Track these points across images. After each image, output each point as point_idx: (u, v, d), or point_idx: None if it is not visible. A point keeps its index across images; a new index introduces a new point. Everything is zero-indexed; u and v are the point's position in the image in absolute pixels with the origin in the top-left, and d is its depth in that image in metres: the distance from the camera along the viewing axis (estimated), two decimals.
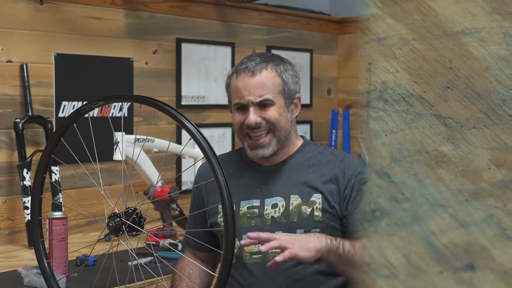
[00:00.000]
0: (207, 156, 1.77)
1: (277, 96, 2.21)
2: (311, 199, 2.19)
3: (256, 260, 2.21)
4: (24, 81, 3.23)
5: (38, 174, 2.05)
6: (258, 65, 2.21)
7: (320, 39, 4.97)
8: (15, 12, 3.24)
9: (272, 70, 2.22)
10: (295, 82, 2.27)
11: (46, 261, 2.08)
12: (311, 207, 2.18)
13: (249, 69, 2.21)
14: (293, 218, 2.19)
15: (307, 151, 2.30)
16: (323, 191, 2.19)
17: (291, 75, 2.25)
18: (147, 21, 3.81)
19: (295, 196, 2.21)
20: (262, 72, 2.21)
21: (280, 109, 2.22)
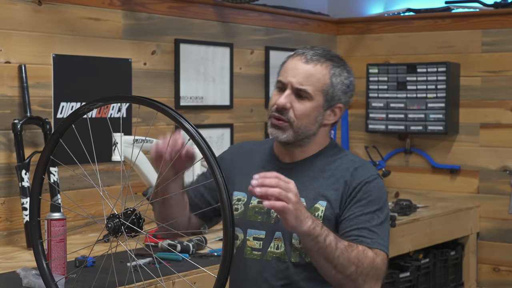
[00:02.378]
0: (206, 157, 1.77)
1: (317, 93, 2.16)
2: (314, 205, 2.16)
3: (255, 257, 2.21)
4: (23, 82, 3.23)
5: (36, 175, 2.05)
6: (316, 57, 2.18)
7: (318, 40, 4.96)
8: (14, 13, 3.23)
9: (326, 68, 2.18)
10: (343, 90, 2.20)
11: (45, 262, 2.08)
12: (313, 214, 2.12)
13: (306, 56, 2.18)
14: None
15: (328, 155, 2.24)
16: (330, 198, 2.16)
17: (341, 82, 2.20)
18: (146, 22, 3.81)
19: (301, 199, 2.13)
20: (315, 65, 2.17)
21: (313, 107, 2.17)
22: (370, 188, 2.15)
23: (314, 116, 2.18)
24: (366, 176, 2.16)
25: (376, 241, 2.09)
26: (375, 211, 2.13)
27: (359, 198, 2.13)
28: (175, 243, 2.98)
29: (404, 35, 4.92)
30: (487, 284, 4.69)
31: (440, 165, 4.79)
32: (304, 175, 2.20)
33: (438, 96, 4.64)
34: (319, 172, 2.21)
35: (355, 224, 2.11)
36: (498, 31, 4.59)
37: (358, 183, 2.15)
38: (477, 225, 4.65)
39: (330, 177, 2.19)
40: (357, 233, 2.09)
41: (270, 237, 2.19)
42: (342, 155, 2.24)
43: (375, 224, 2.11)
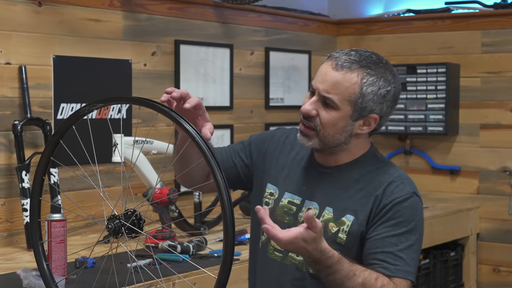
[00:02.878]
0: (206, 158, 1.77)
1: (344, 102, 2.05)
2: (341, 218, 2.08)
3: (276, 258, 2.17)
4: (23, 83, 3.23)
5: (37, 176, 2.05)
6: (348, 63, 2.05)
7: (318, 41, 4.97)
8: (14, 14, 3.24)
9: (357, 76, 2.04)
10: (376, 101, 2.06)
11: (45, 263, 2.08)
12: (338, 227, 2.08)
13: (338, 61, 2.06)
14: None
15: (364, 164, 2.14)
16: (359, 213, 2.07)
17: (375, 92, 2.05)
18: (146, 23, 3.81)
19: (329, 209, 2.10)
20: (345, 72, 2.04)
21: (339, 117, 2.06)
22: (402, 208, 2.05)
23: (340, 126, 2.08)
24: (399, 195, 2.06)
25: (401, 268, 2.01)
26: (404, 233, 2.03)
27: (388, 218, 2.04)
28: (175, 244, 2.98)
29: (404, 36, 4.92)
30: (487, 285, 4.69)
31: (440, 166, 4.79)
32: (336, 183, 2.13)
33: (438, 97, 4.64)
34: (352, 182, 2.12)
35: (380, 246, 2.03)
36: (498, 32, 4.60)
37: (389, 202, 2.06)
38: (477, 226, 4.65)
39: (362, 189, 2.10)
40: (381, 258, 2.01)
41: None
42: (380, 166, 2.14)
43: (402, 248, 2.02)
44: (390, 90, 2.09)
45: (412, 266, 2.03)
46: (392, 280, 2.00)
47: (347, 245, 2.08)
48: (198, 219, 3.57)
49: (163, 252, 2.96)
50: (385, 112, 2.11)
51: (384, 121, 2.14)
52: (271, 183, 2.25)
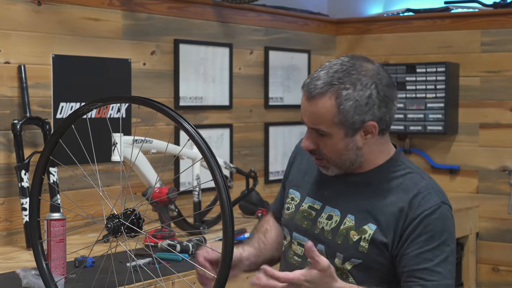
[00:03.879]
0: (206, 157, 1.77)
1: (332, 127, 1.99)
2: (363, 226, 2.02)
3: (295, 263, 2.14)
4: (22, 83, 3.23)
5: (36, 176, 2.05)
6: (317, 89, 1.97)
7: (318, 40, 4.97)
8: (13, 13, 3.23)
9: (331, 98, 1.96)
10: (362, 111, 1.97)
11: (44, 263, 2.08)
12: (360, 236, 2.01)
13: (309, 90, 1.99)
14: (338, 239, 2.05)
15: (389, 171, 2.07)
16: (381, 222, 2.00)
17: (354, 105, 1.96)
18: (145, 22, 3.81)
19: (351, 216, 2.05)
20: (318, 100, 1.97)
21: (336, 141, 2.00)
22: (431, 221, 1.99)
23: (342, 147, 2.02)
24: (427, 207, 2.00)
25: (438, 284, 1.96)
26: (438, 246, 1.98)
27: (419, 233, 1.98)
28: (175, 243, 2.98)
29: (403, 35, 4.92)
30: (486, 284, 4.69)
31: (439, 165, 4.79)
32: (358, 191, 2.07)
33: (437, 96, 4.64)
34: (375, 190, 2.05)
35: (415, 264, 1.97)
36: (498, 31, 4.60)
37: (418, 215, 1.98)
38: (476, 225, 4.65)
39: (385, 198, 2.03)
40: (418, 275, 1.96)
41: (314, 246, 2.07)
42: (405, 173, 2.06)
43: (438, 262, 1.97)
44: (372, 94, 1.99)
45: (449, 279, 1.99)
46: None
47: (369, 254, 2.02)
48: (197, 218, 3.57)
49: (163, 251, 2.96)
50: (380, 114, 2.01)
51: (387, 120, 2.04)
52: (293, 189, 2.22)
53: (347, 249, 2.03)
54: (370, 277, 2.03)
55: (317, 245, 2.06)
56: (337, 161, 2.04)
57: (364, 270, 2.03)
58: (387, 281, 2.05)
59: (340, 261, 2.04)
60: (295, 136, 4.72)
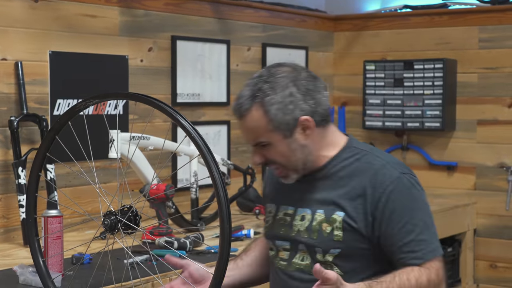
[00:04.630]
0: (203, 154, 1.77)
1: (270, 135, 2.07)
2: (332, 216, 2.09)
3: (282, 267, 2.21)
4: (19, 79, 3.22)
5: (33, 172, 2.05)
6: (244, 107, 2.07)
7: (315, 37, 4.96)
8: (10, 10, 3.23)
9: (257, 110, 2.06)
10: (289, 111, 2.05)
11: (41, 260, 2.08)
12: (331, 226, 2.09)
13: (237, 111, 2.10)
14: (313, 235, 2.12)
15: (344, 158, 2.14)
16: (348, 208, 2.07)
17: (280, 108, 2.05)
18: (142, 18, 3.80)
19: (320, 211, 2.12)
20: (247, 116, 2.07)
21: (280, 146, 2.08)
22: (397, 194, 2.05)
23: (286, 149, 2.10)
24: (388, 183, 2.06)
25: (427, 251, 2.03)
26: (413, 215, 2.04)
27: (391, 210, 2.04)
28: (172, 240, 2.97)
29: (401, 32, 4.92)
30: (484, 280, 4.69)
31: (437, 162, 4.79)
32: (321, 186, 2.15)
33: (435, 93, 4.64)
34: (336, 180, 2.13)
35: (399, 239, 2.03)
36: (495, 27, 4.59)
37: (382, 194, 2.05)
38: (474, 222, 4.65)
39: (346, 184, 2.10)
40: (406, 250, 2.02)
41: (295, 248, 2.17)
42: (360, 156, 2.13)
43: (419, 230, 2.03)
44: (292, 91, 2.07)
45: (435, 242, 2.06)
46: (423, 266, 2.02)
47: (346, 242, 2.08)
48: (195, 215, 3.56)
49: (160, 248, 2.96)
50: (309, 108, 2.08)
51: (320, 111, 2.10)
52: (269, 203, 2.30)
53: (324, 241, 2.10)
54: (356, 265, 2.09)
55: (298, 245, 2.15)
56: (289, 165, 2.12)
57: (347, 259, 2.09)
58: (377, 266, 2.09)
59: (321, 255, 2.11)
60: None
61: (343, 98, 5.12)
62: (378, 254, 2.09)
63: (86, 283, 2.40)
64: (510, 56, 4.56)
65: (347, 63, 5.09)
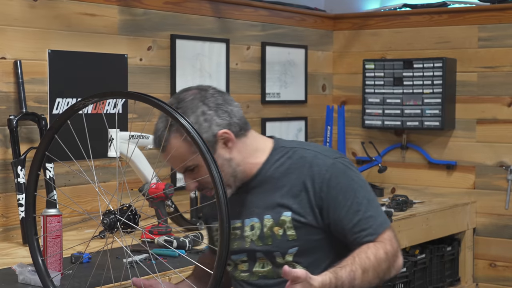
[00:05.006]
0: (202, 153, 1.77)
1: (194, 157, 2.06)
2: (281, 218, 2.12)
3: (244, 278, 2.21)
4: (18, 78, 3.22)
5: (32, 171, 2.04)
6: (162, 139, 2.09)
7: (315, 35, 4.96)
8: (9, 8, 3.22)
9: (176, 138, 2.08)
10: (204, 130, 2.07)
11: (40, 259, 2.07)
12: (283, 228, 2.12)
13: (158, 144, 2.11)
14: (268, 241, 2.14)
15: (275, 160, 2.17)
16: (293, 206, 2.11)
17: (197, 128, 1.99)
18: (142, 17, 3.80)
19: (267, 216, 2.14)
20: (168, 147, 2.09)
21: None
22: (334, 180, 2.09)
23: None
24: (323, 171, 2.10)
25: (376, 225, 2.07)
26: (355, 195, 2.09)
27: (334, 196, 2.09)
28: (171, 239, 2.97)
29: (400, 31, 4.92)
30: (483, 279, 4.69)
31: (436, 161, 4.79)
32: (261, 191, 2.16)
33: (434, 92, 4.63)
34: (273, 182, 2.15)
35: (349, 222, 2.07)
36: (495, 26, 4.59)
37: (321, 183, 2.09)
38: (473, 221, 4.65)
39: (285, 184, 2.13)
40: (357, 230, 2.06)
41: (253, 257, 2.18)
42: (291, 154, 2.17)
43: (365, 209, 2.08)
44: (203, 110, 2.10)
45: (381, 215, 2.11)
46: (377, 241, 2.07)
47: (301, 238, 2.11)
48: (194, 214, 3.56)
49: (159, 247, 2.96)
50: (223, 121, 2.12)
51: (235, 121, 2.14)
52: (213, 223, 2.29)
53: (280, 244, 2.12)
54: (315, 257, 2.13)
55: (256, 253, 2.16)
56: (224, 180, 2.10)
57: (306, 254, 2.13)
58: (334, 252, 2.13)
59: (281, 258, 2.13)
60: (292, 131, 4.72)
61: (343, 97, 5.12)
62: (333, 241, 2.13)
63: (85, 282, 2.40)
64: (510, 55, 4.55)
65: (347, 62, 5.09)
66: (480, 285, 4.70)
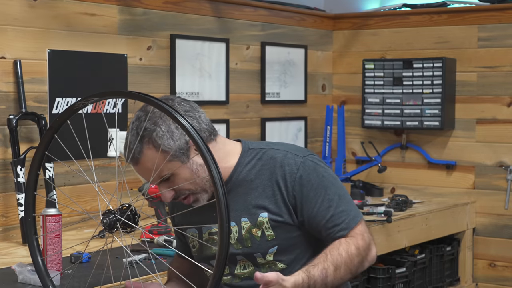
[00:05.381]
0: (202, 152, 1.76)
1: (169, 166, 2.08)
2: (258, 220, 2.14)
3: (226, 281, 2.22)
4: (18, 78, 3.22)
5: (32, 171, 2.04)
6: (135, 151, 2.07)
7: (314, 35, 4.96)
8: (9, 8, 3.22)
9: (150, 149, 2.07)
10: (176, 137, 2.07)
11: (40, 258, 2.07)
12: (260, 229, 2.14)
13: (131, 157, 2.09)
14: (247, 243, 2.15)
15: (246, 162, 2.19)
16: (269, 206, 2.13)
17: (168, 138, 2.07)
18: (141, 17, 3.80)
19: (244, 219, 2.16)
20: (142, 159, 2.08)
21: (181, 172, 2.09)
22: (305, 177, 2.12)
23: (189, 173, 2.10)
24: (294, 170, 2.13)
25: (348, 220, 2.10)
26: (326, 191, 2.11)
27: (305, 193, 2.11)
28: (171, 239, 2.97)
29: (400, 31, 4.92)
30: (483, 279, 4.69)
31: (436, 161, 4.79)
32: (236, 195, 2.17)
33: (434, 92, 4.63)
34: (247, 184, 2.17)
35: (322, 217, 2.10)
36: (495, 26, 4.59)
37: (293, 182, 2.12)
38: (473, 221, 4.65)
39: (258, 185, 2.15)
40: (330, 225, 2.10)
41: (233, 260, 2.18)
42: (260, 155, 2.18)
43: (336, 204, 2.11)
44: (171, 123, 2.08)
45: (353, 209, 2.14)
46: (349, 235, 2.10)
47: (279, 237, 2.14)
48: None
49: (159, 247, 2.96)
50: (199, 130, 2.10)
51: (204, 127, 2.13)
52: (189, 229, 2.28)
53: (259, 246, 2.14)
54: (295, 253, 2.16)
55: (236, 257, 2.17)
56: (197, 188, 2.13)
57: (285, 252, 2.16)
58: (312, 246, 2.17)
59: (262, 258, 2.16)
60: (291, 131, 4.72)
61: (342, 97, 5.12)
62: (309, 237, 2.17)
63: (85, 282, 2.40)
64: (509, 55, 4.55)
65: (346, 62, 5.09)
66: (480, 285, 4.70)
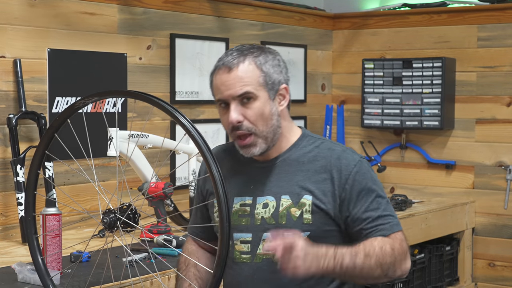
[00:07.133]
0: (202, 152, 1.77)
1: (258, 88, 2.10)
2: (301, 200, 2.13)
3: (245, 260, 2.17)
4: (18, 77, 3.22)
5: (31, 170, 2.04)
6: (235, 60, 2.11)
7: (314, 35, 4.96)
8: (9, 7, 3.22)
9: (251, 63, 2.11)
10: (278, 71, 2.14)
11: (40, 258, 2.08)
12: (301, 210, 2.12)
13: (226, 64, 2.12)
14: (282, 220, 2.13)
15: (303, 146, 2.19)
16: (315, 191, 2.12)
17: (272, 65, 2.13)
18: (141, 16, 3.80)
19: (286, 196, 2.14)
20: (239, 67, 2.10)
21: (262, 103, 2.11)
22: (361, 175, 2.14)
23: (268, 111, 2.12)
24: (352, 165, 2.14)
25: (393, 224, 2.12)
26: (376, 195, 2.14)
27: (358, 190, 2.12)
28: (171, 238, 2.97)
29: (400, 30, 4.92)
30: (482, 279, 4.70)
31: (435, 160, 4.79)
32: (282, 172, 2.17)
33: (433, 91, 4.63)
34: (297, 165, 2.17)
35: (369, 217, 2.11)
36: (494, 26, 4.59)
37: (348, 176, 2.13)
38: (472, 221, 4.65)
39: (309, 169, 2.16)
40: (375, 224, 2.11)
41: (257, 239, 2.15)
42: (319, 143, 2.20)
43: (383, 207, 2.13)
44: (279, 59, 2.17)
45: (396, 217, 2.16)
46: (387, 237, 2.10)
47: (315, 224, 2.12)
48: None
49: (159, 246, 2.96)
50: (286, 80, 2.18)
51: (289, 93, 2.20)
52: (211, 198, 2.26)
53: (293, 226, 2.11)
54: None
55: (262, 234, 2.14)
56: (263, 131, 2.12)
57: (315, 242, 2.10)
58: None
59: None
60: None
61: (342, 96, 5.12)
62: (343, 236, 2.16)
63: (84, 281, 2.40)
64: (509, 54, 4.56)
65: (346, 61, 5.09)
66: (479, 285, 4.70)
